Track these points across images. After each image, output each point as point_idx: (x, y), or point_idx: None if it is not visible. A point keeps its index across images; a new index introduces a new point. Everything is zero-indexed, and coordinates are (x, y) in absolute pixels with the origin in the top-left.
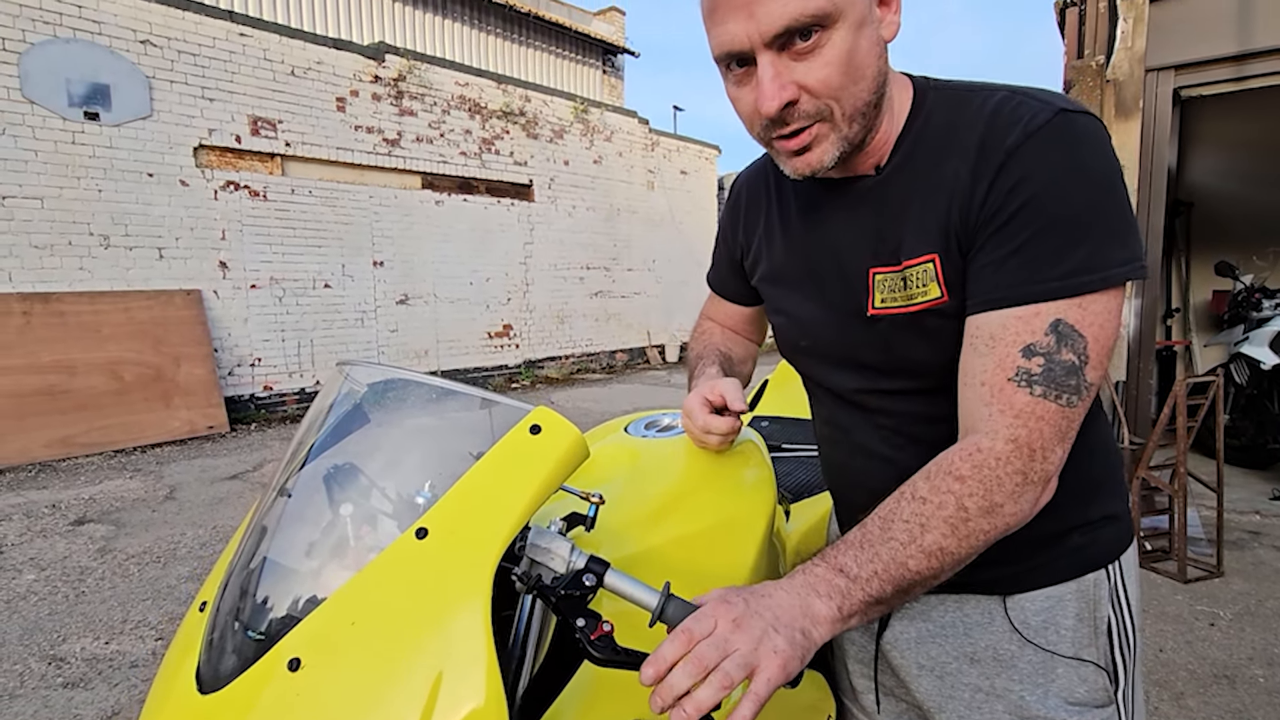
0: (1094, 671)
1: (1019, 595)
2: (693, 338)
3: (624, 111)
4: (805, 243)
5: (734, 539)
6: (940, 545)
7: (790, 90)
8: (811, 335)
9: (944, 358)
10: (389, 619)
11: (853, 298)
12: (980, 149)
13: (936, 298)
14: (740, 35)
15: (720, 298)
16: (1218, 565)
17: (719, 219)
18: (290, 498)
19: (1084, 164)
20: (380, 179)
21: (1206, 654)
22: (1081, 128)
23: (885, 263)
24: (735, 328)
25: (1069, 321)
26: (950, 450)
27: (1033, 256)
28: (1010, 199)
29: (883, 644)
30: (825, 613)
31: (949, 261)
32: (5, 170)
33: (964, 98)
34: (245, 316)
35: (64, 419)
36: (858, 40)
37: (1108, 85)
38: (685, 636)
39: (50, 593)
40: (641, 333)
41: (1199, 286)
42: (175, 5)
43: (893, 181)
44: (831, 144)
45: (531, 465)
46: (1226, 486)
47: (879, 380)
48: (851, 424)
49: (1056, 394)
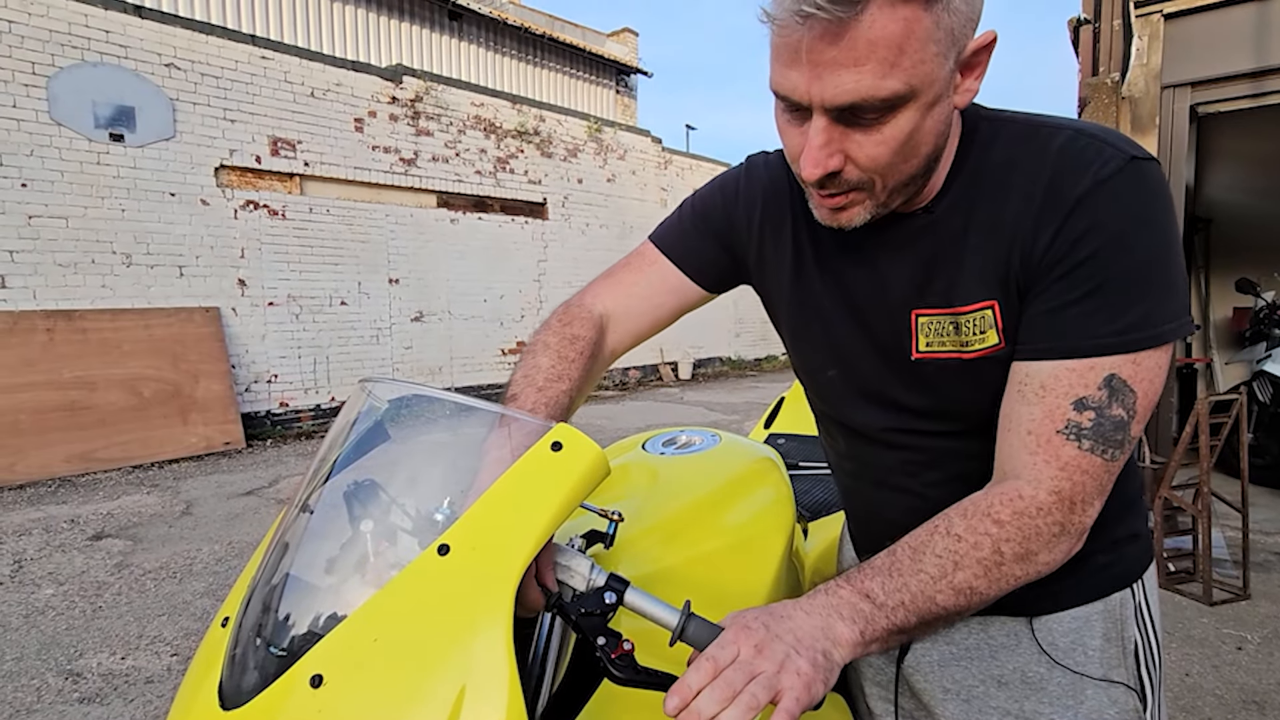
0: (1124, 693)
1: (1045, 616)
2: (558, 325)
3: (637, 130)
4: (841, 275)
5: (752, 558)
6: (970, 585)
7: (836, 160)
8: (841, 366)
9: (990, 403)
10: (411, 636)
11: (893, 339)
12: (1047, 193)
13: (994, 345)
14: (801, 89)
15: (668, 261)
16: (1244, 587)
17: (709, 191)
18: (312, 514)
19: (1151, 218)
20: (397, 198)
21: (1234, 679)
22: (1151, 179)
23: (932, 305)
24: (649, 297)
25: (1122, 376)
26: (990, 492)
27: (1093, 309)
28: (1076, 249)
29: (904, 668)
30: (847, 635)
31: (1008, 308)
32: (32, 190)
33: (1024, 133)
34: (263, 333)
35: (84, 434)
36: (924, 120)
37: (1123, 102)
38: (710, 665)
39: (68, 607)
40: (654, 350)
41: (1219, 303)
42: (199, 29)
43: (945, 221)
44: (865, 210)
45: (553, 482)
46: (1251, 507)
47: (914, 421)
48: (874, 459)
49: (1103, 449)
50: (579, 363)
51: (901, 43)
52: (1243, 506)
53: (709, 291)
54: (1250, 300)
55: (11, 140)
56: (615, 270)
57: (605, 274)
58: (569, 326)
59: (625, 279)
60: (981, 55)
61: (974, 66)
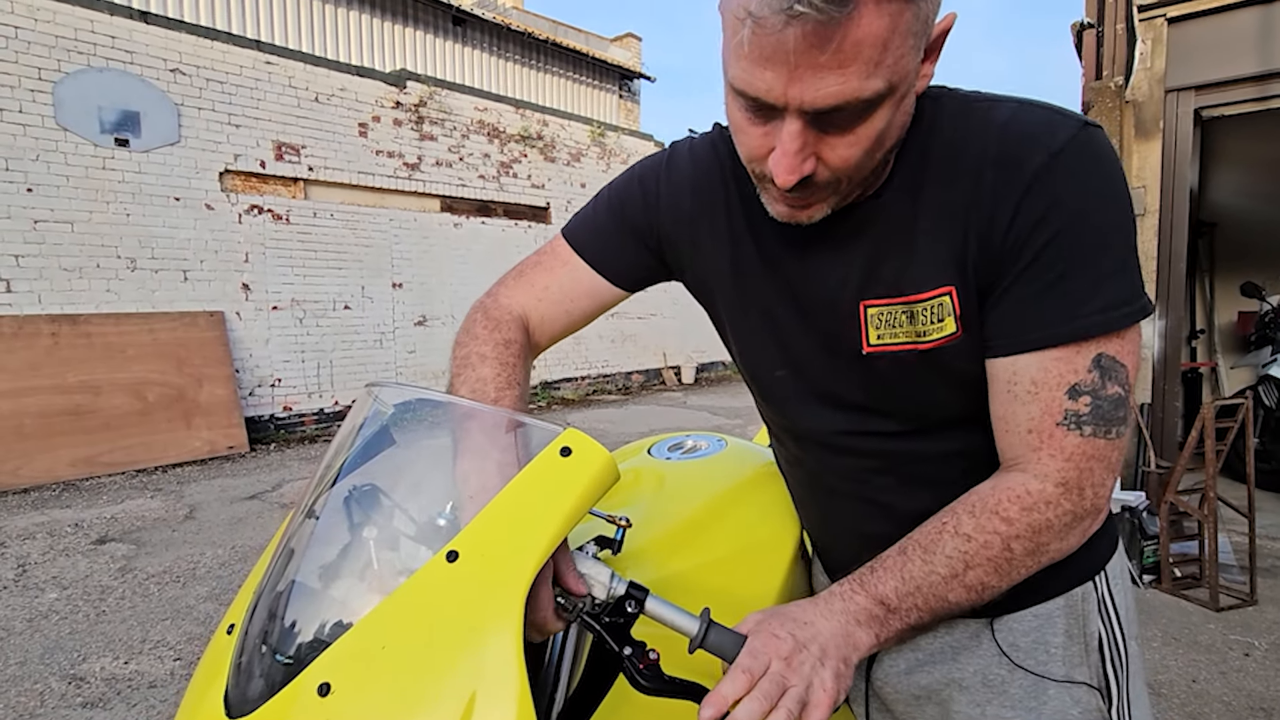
0: (1086, 693)
1: (1006, 616)
2: (486, 333)
3: (640, 135)
4: (784, 267)
5: (761, 562)
6: (983, 581)
7: (810, 164)
8: (789, 365)
9: (950, 396)
10: (420, 644)
11: (842, 333)
12: (997, 169)
13: (952, 334)
14: (777, 91)
15: (582, 262)
16: (1251, 593)
17: (626, 183)
18: (318, 520)
19: (1108, 187)
20: (400, 202)
21: (1242, 685)
22: (1101, 144)
23: (881, 294)
24: (562, 301)
25: (1110, 354)
26: (997, 487)
27: (1068, 291)
28: (1039, 230)
29: (873, 679)
30: (866, 641)
31: (965, 294)
32: (38, 195)
33: (966, 109)
34: (266, 338)
35: (88, 438)
36: (895, 115)
37: (1127, 106)
38: (746, 677)
39: (71, 611)
40: (657, 354)
41: (1224, 307)
42: (204, 35)
43: (892, 206)
44: (827, 206)
45: (562, 488)
46: (1258, 511)
47: (866, 422)
48: (825, 466)
49: (1106, 429)
50: (519, 367)
51: (886, 40)
52: (1249, 511)
53: (627, 292)
54: (1255, 304)
55: (18, 145)
56: (526, 269)
57: (516, 272)
58: (498, 331)
59: (538, 280)
60: (941, 39)
61: (934, 51)
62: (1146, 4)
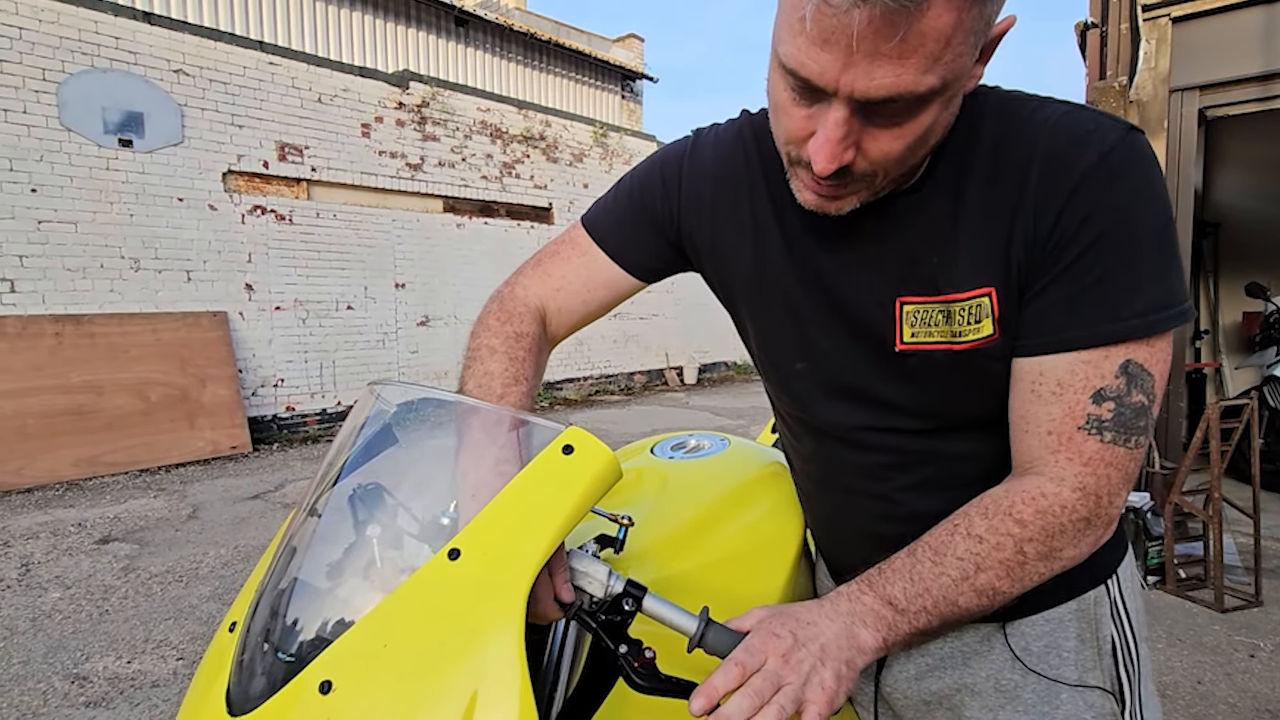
0: (1100, 696)
1: (1018, 620)
2: (498, 325)
3: (642, 135)
4: (813, 260)
5: (765, 563)
6: (993, 585)
7: (851, 154)
8: (811, 358)
9: (977, 397)
10: (421, 642)
11: (874, 328)
12: (1046, 167)
13: (988, 335)
14: (830, 75)
15: (601, 252)
16: (1256, 594)
17: (647, 172)
18: (320, 518)
19: (1154, 193)
20: (403, 203)
21: (1248, 687)
22: (1147, 150)
23: (919, 292)
24: (580, 292)
25: (1139, 361)
26: (1012, 489)
27: (1106, 294)
28: (1085, 230)
29: (882, 684)
30: (871, 643)
31: (1006, 296)
32: (42, 195)
33: (1008, 107)
34: (269, 338)
35: (91, 438)
36: (943, 113)
37: (1131, 106)
38: (738, 670)
39: (75, 611)
40: (660, 354)
41: (1228, 308)
42: (207, 36)
43: (930, 201)
44: (858, 199)
45: (565, 486)
46: (1263, 512)
47: (890, 418)
48: (842, 461)
49: (1126, 437)
50: (529, 361)
51: (950, 36)
52: (1254, 512)
53: (645, 283)
54: (1260, 305)
55: (22, 146)
56: (544, 259)
57: (534, 262)
58: (510, 324)
59: (555, 271)
60: (996, 41)
61: (988, 52)
62: (1151, 4)
